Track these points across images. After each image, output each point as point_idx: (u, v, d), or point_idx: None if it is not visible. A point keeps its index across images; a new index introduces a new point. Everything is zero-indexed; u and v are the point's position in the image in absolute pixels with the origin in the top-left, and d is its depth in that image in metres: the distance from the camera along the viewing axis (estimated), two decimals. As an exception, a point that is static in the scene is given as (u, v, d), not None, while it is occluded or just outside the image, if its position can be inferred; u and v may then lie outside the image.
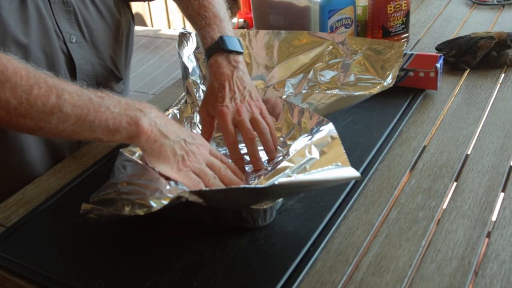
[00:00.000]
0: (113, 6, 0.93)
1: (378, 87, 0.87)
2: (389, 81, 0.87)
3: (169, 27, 3.70)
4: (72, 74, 0.88)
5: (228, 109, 0.76)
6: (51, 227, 0.73)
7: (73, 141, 0.92)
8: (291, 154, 0.72)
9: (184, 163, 0.69)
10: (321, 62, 0.95)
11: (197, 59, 0.95)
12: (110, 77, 0.96)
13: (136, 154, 0.76)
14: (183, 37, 0.96)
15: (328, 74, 0.94)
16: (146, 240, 0.67)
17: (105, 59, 0.93)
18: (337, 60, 0.95)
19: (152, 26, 3.66)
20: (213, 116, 0.79)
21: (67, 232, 0.71)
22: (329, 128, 0.70)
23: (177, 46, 0.94)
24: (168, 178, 0.70)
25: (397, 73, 0.89)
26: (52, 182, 0.83)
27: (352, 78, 0.92)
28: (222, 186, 0.69)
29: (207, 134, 0.80)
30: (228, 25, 0.85)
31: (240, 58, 0.81)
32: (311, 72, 0.94)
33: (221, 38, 0.81)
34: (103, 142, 0.76)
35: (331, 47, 0.96)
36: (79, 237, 0.70)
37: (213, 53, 0.81)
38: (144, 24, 3.65)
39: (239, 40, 0.83)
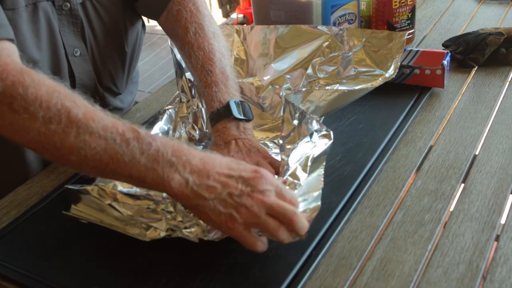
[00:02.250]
0: (121, 20, 0.93)
1: (380, 79, 0.86)
2: (391, 72, 0.87)
3: (166, 23, 3.69)
4: (73, 86, 0.89)
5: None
6: (44, 229, 0.73)
7: None
8: (290, 168, 0.70)
9: (232, 222, 0.58)
10: (319, 56, 0.95)
11: None
12: (106, 92, 0.97)
13: None
14: None
15: (327, 69, 0.94)
16: (143, 243, 0.67)
17: (103, 76, 0.94)
18: (336, 54, 0.94)
19: (148, 22, 3.66)
20: None
21: (60, 235, 0.71)
22: (325, 144, 0.68)
23: (169, 43, 0.94)
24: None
25: (399, 64, 0.88)
26: (44, 183, 0.83)
27: (352, 71, 0.92)
28: (290, 238, 0.60)
29: None
30: (235, 84, 0.82)
31: (249, 125, 0.78)
32: (310, 67, 0.94)
33: (231, 103, 0.77)
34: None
35: (329, 40, 0.96)
36: (73, 240, 0.70)
37: (222, 118, 0.77)
38: (140, 20, 3.65)
39: (247, 105, 0.80)
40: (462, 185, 0.75)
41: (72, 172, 0.84)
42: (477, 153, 0.82)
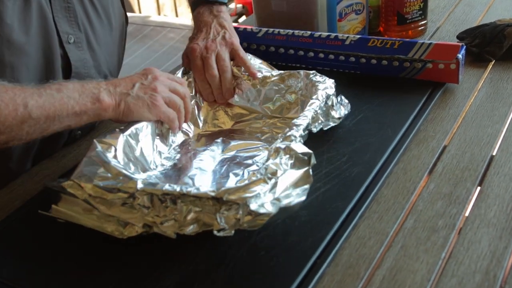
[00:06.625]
0: (110, 6, 0.96)
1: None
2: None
3: (159, 14, 3.70)
4: (67, 77, 0.89)
5: (197, 46, 0.92)
6: (28, 237, 0.73)
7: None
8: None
9: (155, 99, 0.79)
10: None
11: None
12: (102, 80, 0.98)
13: (112, 148, 0.75)
14: None
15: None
16: (133, 252, 0.67)
17: (101, 62, 0.95)
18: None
19: (140, 12, 3.66)
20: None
21: (46, 243, 0.71)
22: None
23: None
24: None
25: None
26: (28, 186, 0.83)
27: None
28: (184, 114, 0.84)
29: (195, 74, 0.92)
30: None
31: (223, 8, 0.97)
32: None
33: None
34: (71, 128, 0.82)
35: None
36: (60, 249, 0.70)
37: (197, 5, 0.99)
38: (131, 10, 3.65)
39: None
40: (478, 188, 0.75)
41: (58, 173, 0.84)
42: (494, 153, 0.82)
